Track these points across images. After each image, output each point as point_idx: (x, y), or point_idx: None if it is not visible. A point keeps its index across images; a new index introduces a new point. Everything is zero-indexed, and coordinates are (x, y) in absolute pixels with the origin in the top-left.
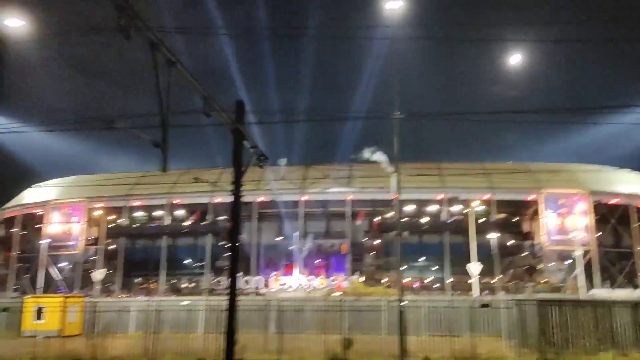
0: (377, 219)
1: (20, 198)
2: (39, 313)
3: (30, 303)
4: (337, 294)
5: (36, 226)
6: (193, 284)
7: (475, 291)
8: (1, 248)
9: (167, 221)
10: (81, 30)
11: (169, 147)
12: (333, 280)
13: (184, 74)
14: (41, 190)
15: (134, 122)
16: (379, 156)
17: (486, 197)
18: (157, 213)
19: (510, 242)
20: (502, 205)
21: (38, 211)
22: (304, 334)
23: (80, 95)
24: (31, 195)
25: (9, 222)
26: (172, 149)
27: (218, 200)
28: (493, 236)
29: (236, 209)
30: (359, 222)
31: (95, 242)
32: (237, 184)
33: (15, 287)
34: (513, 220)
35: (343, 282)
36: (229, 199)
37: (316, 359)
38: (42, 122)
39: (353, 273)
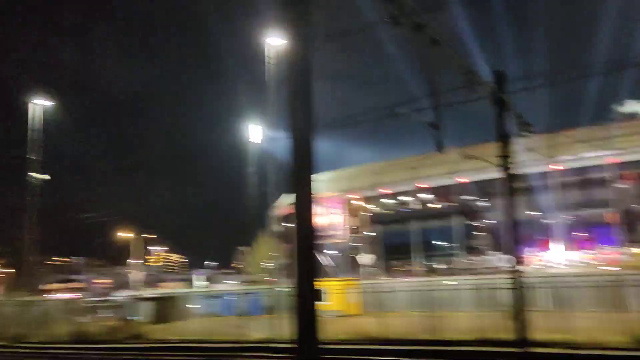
0: None
1: (286, 196)
2: (325, 295)
3: (316, 287)
4: (610, 268)
5: None
6: (448, 265)
7: None
8: (281, 242)
9: (415, 205)
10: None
11: (442, 126)
12: (601, 254)
13: (447, 52)
14: None
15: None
16: None
17: None
18: (405, 198)
19: None
20: None
21: None
22: (580, 312)
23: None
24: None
25: (283, 218)
26: (408, 132)
27: (461, 179)
28: None
29: (507, 183)
30: (624, 186)
31: (356, 230)
32: (504, 156)
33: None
34: None
35: (617, 255)
36: (472, 177)
37: (613, 340)
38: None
39: (627, 244)
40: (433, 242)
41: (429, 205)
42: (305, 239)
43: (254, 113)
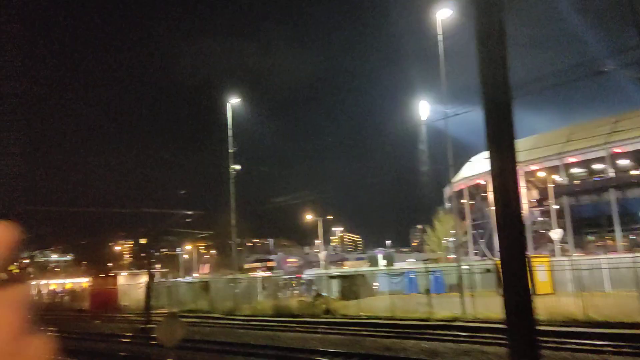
0: None
1: (462, 172)
2: None
3: (498, 265)
4: None
5: (482, 194)
6: None
7: None
8: (457, 217)
9: (611, 173)
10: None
11: None
12: None
13: None
14: (477, 163)
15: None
16: None
17: None
18: (598, 166)
19: None
20: None
21: (480, 181)
22: None
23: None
24: (471, 168)
25: (459, 194)
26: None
27: None
28: None
29: None
30: None
31: (540, 203)
32: None
33: (475, 251)
34: None
35: None
36: None
37: None
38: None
39: None
40: (636, 212)
41: (629, 172)
42: (510, 211)
43: (427, 91)
